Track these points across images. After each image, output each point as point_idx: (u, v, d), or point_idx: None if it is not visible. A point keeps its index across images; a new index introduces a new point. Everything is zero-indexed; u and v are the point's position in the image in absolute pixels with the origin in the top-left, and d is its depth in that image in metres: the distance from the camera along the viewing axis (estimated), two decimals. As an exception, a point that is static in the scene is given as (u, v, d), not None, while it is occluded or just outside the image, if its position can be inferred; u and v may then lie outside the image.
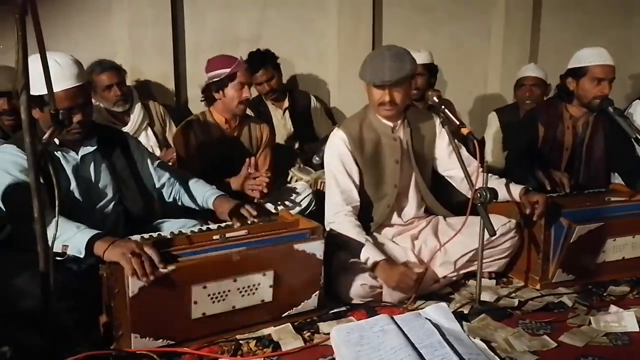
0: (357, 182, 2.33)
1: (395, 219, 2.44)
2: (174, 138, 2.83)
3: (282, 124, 3.52)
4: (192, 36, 3.54)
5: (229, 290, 1.81)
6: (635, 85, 4.47)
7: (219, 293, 1.80)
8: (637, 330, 1.92)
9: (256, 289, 1.86)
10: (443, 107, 2.22)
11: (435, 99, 2.29)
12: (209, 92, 2.68)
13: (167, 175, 2.29)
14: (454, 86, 4.27)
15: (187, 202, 2.30)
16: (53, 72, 1.85)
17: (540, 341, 1.86)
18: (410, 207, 2.46)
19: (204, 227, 1.99)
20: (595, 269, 2.35)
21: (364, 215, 2.35)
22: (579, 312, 2.09)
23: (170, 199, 2.32)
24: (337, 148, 2.34)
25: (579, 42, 3.99)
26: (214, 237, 1.88)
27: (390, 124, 2.36)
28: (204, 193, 2.25)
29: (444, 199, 2.51)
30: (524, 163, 2.77)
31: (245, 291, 1.85)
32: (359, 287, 2.12)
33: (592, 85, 2.68)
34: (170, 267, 1.70)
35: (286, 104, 3.53)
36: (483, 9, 4.30)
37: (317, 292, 2.00)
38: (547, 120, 2.84)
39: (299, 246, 1.90)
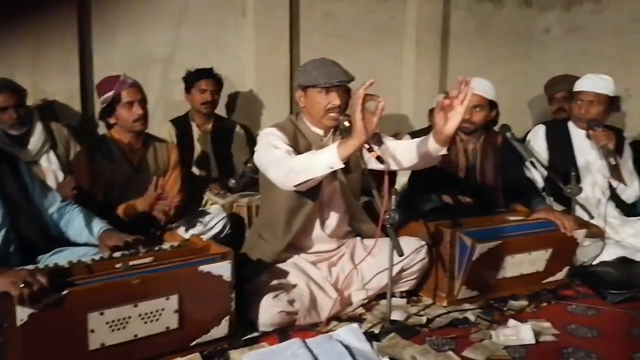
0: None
1: (318, 230, 2.39)
2: (74, 161, 2.71)
3: (204, 146, 3.47)
4: (101, 55, 3.43)
5: (129, 317, 1.73)
6: (533, 113, 4.79)
7: (118, 320, 1.71)
8: (533, 342, 2.02)
9: (160, 314, 1.79)
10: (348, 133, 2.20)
11: (345, 123, 2.23)
12: (104, 119, 2.62)
13: (57, 204, 2.18)
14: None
15: (73, 234, 2.18)
16: None
17: (445, 357, 1.92)
18: (333, 219, 2.41)
19: (106, 255, 1.90)
20: (496, 285, 2.46)
21: (287, 220, 2.29)
22: (482, 327, 2.17)
23: (57, 230, 2.19)
24: (271, 132, 2.24)
25: (483, 70, 4.26)
26: (117, 266, 1.79)
27: (321, 132, 2.33)
28: (91, 223, 2.16)
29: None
30: (427, 184, 2.79)
31: (148, 317, 1.76)
32: (277, 315, 2.08)
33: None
34: (62, 293, 1.60)
35: (210, 127, 3.49)
36: (395, 35, 4.46)
37: (227, 318, 1.94)
38: None
39: (203, 267, 1.85)
